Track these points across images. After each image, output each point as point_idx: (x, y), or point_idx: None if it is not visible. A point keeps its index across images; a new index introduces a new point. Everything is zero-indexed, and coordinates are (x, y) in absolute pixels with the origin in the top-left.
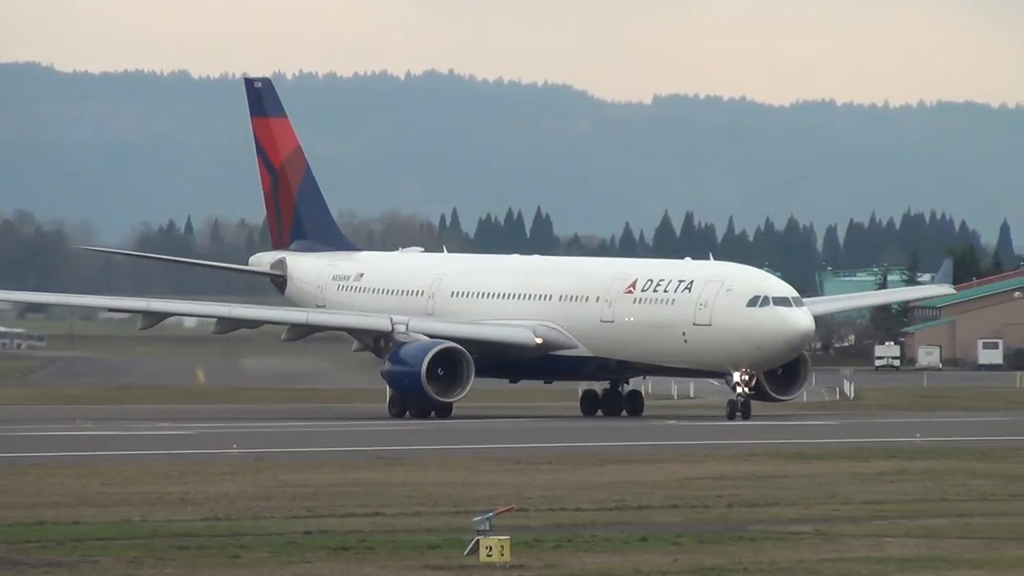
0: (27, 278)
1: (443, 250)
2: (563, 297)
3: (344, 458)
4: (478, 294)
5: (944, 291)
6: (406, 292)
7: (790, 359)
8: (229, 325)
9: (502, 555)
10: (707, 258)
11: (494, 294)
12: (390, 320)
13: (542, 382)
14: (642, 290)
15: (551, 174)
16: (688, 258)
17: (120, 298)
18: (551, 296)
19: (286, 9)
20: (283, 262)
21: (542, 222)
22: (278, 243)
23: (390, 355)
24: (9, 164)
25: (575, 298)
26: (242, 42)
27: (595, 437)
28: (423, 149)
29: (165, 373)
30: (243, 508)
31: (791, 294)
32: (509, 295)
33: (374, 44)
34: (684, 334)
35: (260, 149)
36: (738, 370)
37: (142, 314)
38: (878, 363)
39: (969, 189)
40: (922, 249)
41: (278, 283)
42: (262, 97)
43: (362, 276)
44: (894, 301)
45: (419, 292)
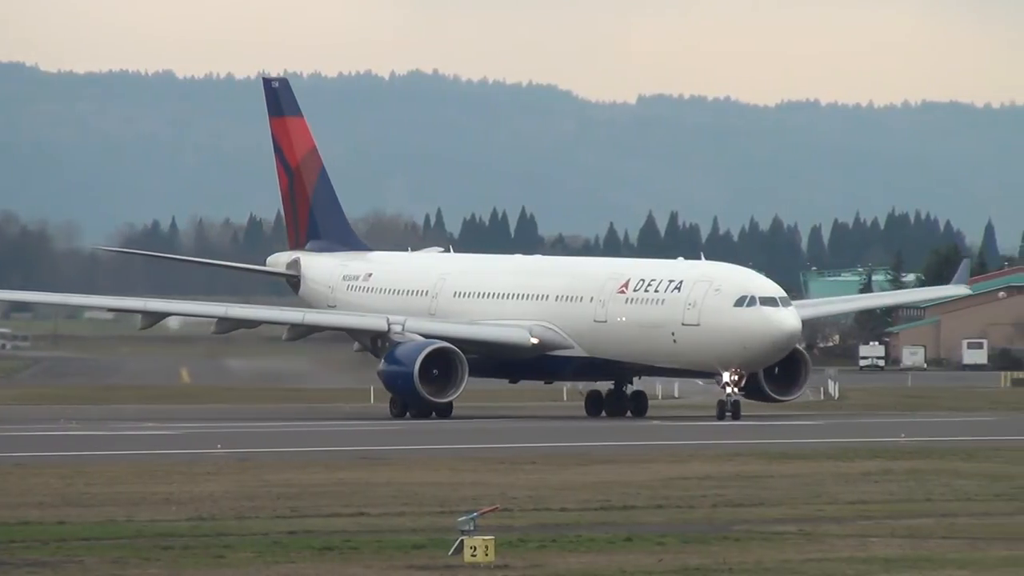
0: (11, 278)
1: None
2: (559, 297)
3: (328, 458)
4: (479, 294)
5: (961, 292)
6: (411, 292)
7: (778, 359)
8: (228, 325)
9: (487, 555)
10: (698, 258)
11: (494, 294)
12: (386, 320)
13: (543, 383)
14: (634, 290)
15: (536, 174)
16: (681, 258)
17: (119, 298)
18: (548, 296)
19: (271, 10)
20: (297, 262)
21: (526, 222)
22: (294, 243)
23: (386, 355)
24: None
25: (570, 298)
26: (227, 42)
27: (580, 437)
28: (407, 149)
29: (150, 373)
30: (227, 508)
31: (778, 294)
32: (508, 295)
33: (358, 44)
34: (673, 334)
35: (277, 149)
36: (727, 370)
37: (142, 314)
38: (863, 363)
39: (954, 189)
40: (907, 249)
41: (293, 283)
42: (279, 97)
43: (370, 276)
44: (910, 301)
45: (423, 292)
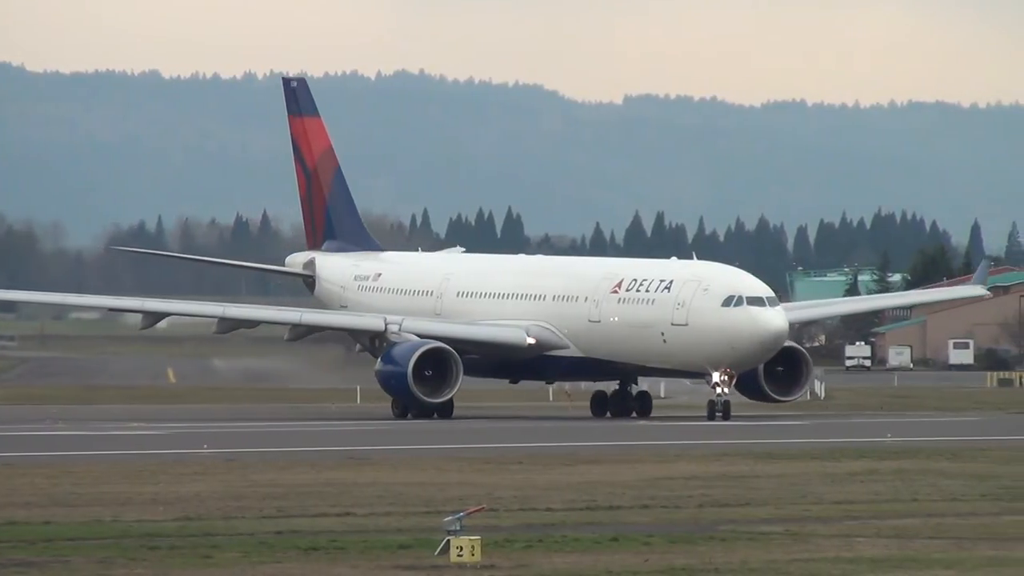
0: None
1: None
2: (556, 297)
3: (315, 458)
4: (481, 294)
5: (977, 292)
6: (418, 292)
7: (766, 359)
8: (228, 326)
9: (473, 555)
10: (691, 258)
11: (495, 294)
12: (383, 320)
13: (544, 383)
14: (626, 290)
15: (522, 174)
16: (675, 257)
17: (119, 298)
18: (545, 296)
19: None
20: (313, 262)
21: (513, 222)
22: (312, 243)
23: (382, 355)
24: None
25: (567, 298)
26: (213, 42)
27: (566, 437)
28: (393, 149)
29: (136, 373)
30: (214, 508)
31: (766, 294)
32: (509, 295)
33: (345, 44)
34: (663, 334)
35: (296, 149)
36: (717, 370)
37: (142, 314)
38: (849, 363)
39: (940, 189)
40: (892, 249)
41: (309, 284)
42: (298, 96)
43: (379, 276)
44: (925, 301)
45: (429, 292)
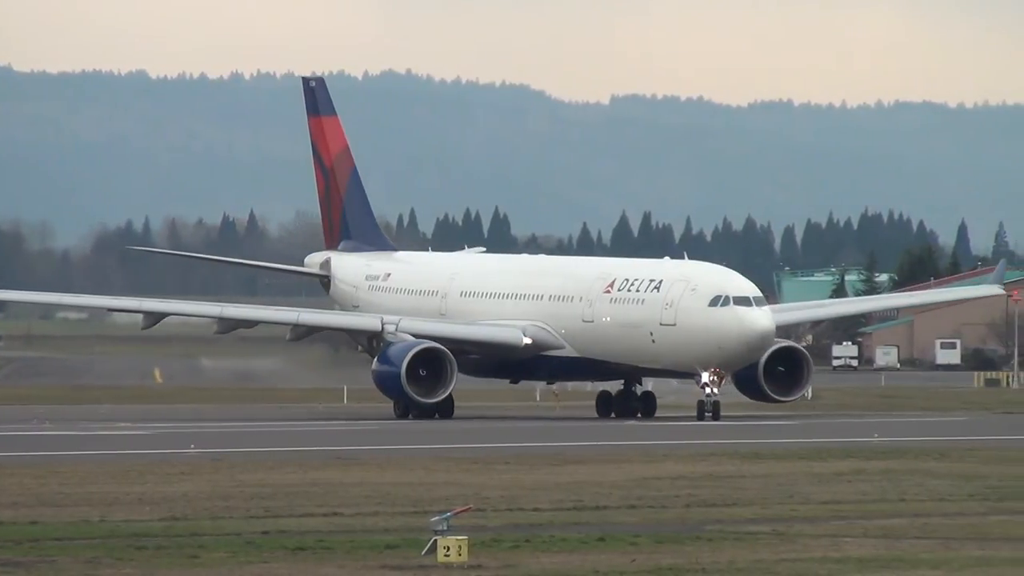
0: None
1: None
2: (552, 297)
3: (302, 458)
4: (483, 294)
5: (994, 291)
6: (424, 292)
7: (754, 359)
8: (228, 325)
9: (460, 555)
10: (682, 258)
11: (496, 294)
12: (380, 320)
13: (545, 382)
14: (618, 290)
15: (509, 174)
16: (667, 257)
17: (119, 298)
18: (543, 296)
19: (243, 10)
20: (328, 262)
21: (500, 222)
22: (329, 243)
23: (377, 355)
24: None
25: (562, 298)
26: (199, 42)
27: (553, 437)
28: (380, 150)
29: (123, 373)
30: (201, 508)
31: (753, 294)
32: (509, 295)
33: (331, 44)
34: (652, 334)
35: (314, 149)
36: (706, 370)
37: (142, 314)
38: (836, 363)
39: (927, 189)
40: (880, 249)
41: (325, 284)
42: (316, 96)
43: (389, 276)
44: (943, 300)
45: (435, 292)
